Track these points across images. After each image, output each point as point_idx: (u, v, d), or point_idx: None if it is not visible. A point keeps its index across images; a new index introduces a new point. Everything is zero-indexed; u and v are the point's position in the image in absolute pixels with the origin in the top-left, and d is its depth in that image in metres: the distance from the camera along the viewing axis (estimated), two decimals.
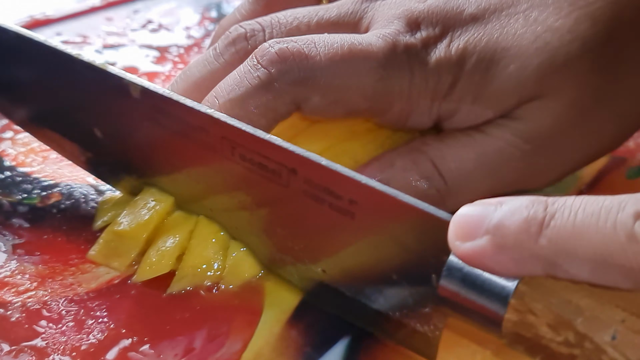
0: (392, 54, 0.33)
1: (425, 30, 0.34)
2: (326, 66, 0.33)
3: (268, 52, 0.33)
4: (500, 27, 0.34)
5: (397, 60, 0.34)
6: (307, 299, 0.34)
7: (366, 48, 0.33)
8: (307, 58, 0.33)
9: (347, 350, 0.31)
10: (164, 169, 0.36)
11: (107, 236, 0.36)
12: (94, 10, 0.57)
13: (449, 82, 0.34)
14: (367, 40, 0.34)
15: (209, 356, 0.31)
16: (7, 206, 0.39)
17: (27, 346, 0.31)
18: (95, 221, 0.38)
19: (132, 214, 0.36)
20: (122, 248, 0.35)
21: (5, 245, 0.36)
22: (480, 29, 0.34)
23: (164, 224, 0.36)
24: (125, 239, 0.35)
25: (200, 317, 0.33)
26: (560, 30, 0.34)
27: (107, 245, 0.36)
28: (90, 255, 0.36)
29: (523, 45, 0.34)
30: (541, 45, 0.34)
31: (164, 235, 0.35)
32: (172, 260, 0.34)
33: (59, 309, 0.33)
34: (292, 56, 0.33)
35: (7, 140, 0.43)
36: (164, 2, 0.59)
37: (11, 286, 0.34)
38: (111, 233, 0.36)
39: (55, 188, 0.40)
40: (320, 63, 0.33)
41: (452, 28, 0.34)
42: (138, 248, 0.35)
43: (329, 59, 0.33)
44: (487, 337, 0.31)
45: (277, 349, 0.31)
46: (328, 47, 0.33)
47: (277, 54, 0.33)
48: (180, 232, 0.35)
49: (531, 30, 0.34)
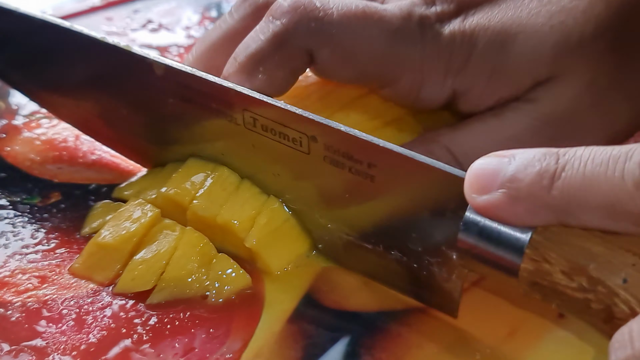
0: (405, 23, 0.34)
1: (440, 6, 0.35)
2: (338, 22, 0.33)
3: (281, 5, 0.34)
4: (515, 6, 0.35)
5: (410, 29, 0.34)
6: (336, 262, 0.35)
7: (380, 12, 0.34)
8: (320, 11, 0.33)
9: (347, 350, 0.31)
10: (189, 142, 0.37)
11: (90, 248, 0.35)
12: (94, 10, 0.57)
13: (462, 57, 0.34)
14: (382, 6, 0.34)
15: (209, 356, 0.31)
16: (7, 206, 0.39)
17: (27, 346, 0.31)
18: (83, 227, 0.37)
19: (117, 225, 0.35)
20: (106, 260, 0.34)
21: (5, 245, 0.36)
22: (494, 8, 0.35)
23: (149, 233, 0.35)
24: (109, 251, 0.34)
25: (200, 317, 0.33)
26: (574, 11, 0.34)
27: (91, 257, 0.35)
28: (73, 269, 0.35)
29: (538, 24, 0.34)
30: (556, 24, 0.34)
31: (149, 244, 0.34)
32: (155, 276, 0.33)
33: (59, 309, 0.33)
34: (304, 7, 0.33)
35: (7, 140, 0.43)
36: (164, 2, 0.59)
37: (11, 286, 0.34)
38: (94, 245, 0.35)
39: (55, 188, 0.40)
40: (332, 17, 0.33)
41: (467, 6, 0.35)
42: (122, 260, 0.34)
43: (342, 15, 0.34)
44: (487, 337, 0.32)
45: (277, 349, 0.31)
46: (342, 4, 0.34)
47: (290, 6, 0.34)
48: (165, 244, 0.34)
49: (546, 10, 0.34)
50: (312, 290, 0.34)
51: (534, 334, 0.32)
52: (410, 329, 0.32)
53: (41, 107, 0.43)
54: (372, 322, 0.32)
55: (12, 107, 0.46)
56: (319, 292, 0.34)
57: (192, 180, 0.36)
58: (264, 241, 0.34)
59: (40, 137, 0.44)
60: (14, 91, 0.45)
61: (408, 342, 0.31)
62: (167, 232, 0.35)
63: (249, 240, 0.34)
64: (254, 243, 0.34)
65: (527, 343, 0.31)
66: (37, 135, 0.44)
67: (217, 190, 0.35)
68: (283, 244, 0.35)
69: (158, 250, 0.34)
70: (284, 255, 0.35)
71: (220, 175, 0.36)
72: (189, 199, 0.35)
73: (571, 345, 0.31)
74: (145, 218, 0.35)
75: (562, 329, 0.32)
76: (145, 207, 0.35)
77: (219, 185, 0.35)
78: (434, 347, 0.31)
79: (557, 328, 0.32)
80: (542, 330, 0.32)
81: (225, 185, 0.35)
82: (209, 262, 0.34)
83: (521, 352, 0.31)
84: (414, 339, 0.32)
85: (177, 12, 0.58)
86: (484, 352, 0.31)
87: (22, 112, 0.46)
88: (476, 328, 0.32)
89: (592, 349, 0.31)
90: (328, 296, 0.34)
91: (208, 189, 0.35)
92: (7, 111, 0.46)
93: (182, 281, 0.33)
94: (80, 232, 0.37)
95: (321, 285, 0.34)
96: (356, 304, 0.33)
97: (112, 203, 0.38)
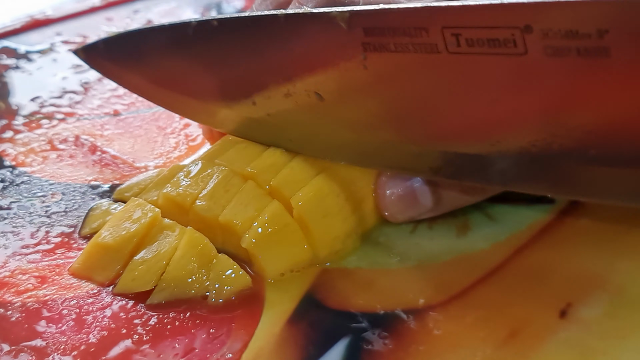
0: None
1: None
2: None
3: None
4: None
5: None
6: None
7: None
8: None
9: (347, 350, 0.31)
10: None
11: (90, 249, 0.35)
12: (94, 10, 0.58)
13: None
14: None
15: (209, 356, 0.31)
16: (7, 206, 0.39)
17: (27, 346, 0.31)
18: (83, 228, 0.37)
19: (117, 225, 0.35)
20: (106, 261, 0.34)
21: (5, 245, 0.36)
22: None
23: (149, 233, 0.35)
24: (109, 252, 0.34)
25: (200, 317, 0.33)
26: None
27: (91, 258, 0.35)
28: (73, 269, 0.35)
29: None
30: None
31: (149, 245, 0.34)
32: (156, 277, 0.33)
33: (59, 309, 0.33)
34: None
35: (7, 140, 0.43)
36: (164, 2, 0.59)
37: (11, 286, 0.34)
38: (94, 245, 0.35)
39: (55, 188, 0.40)
40: None
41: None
42: (123, 261, 0.34)
43: None
44: (487, 338, 0.31)
45: (277, 349, 0.31)
46: None
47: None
48: (165, 245, 0.34)
49: None
50: (313, 291, 0.34)
51: (535, 335, 0.32)
52: (410, 330, 0.32)
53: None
54: (372, 323, 0.32)
55: (12, 107, 0.46)
56: (320, 292, 0.34)
57: (194, 180, 0.36)
58: (261, 243, 0.34)
59: (40, 137, 0.44)
60: (14, 91, 0.45)
61: (408, 343, 0.31)
62: (167, 233, 0.35)
63: (246, 240, 0.34)
64: (252, 243, 0.34)
65: (529, 344, 0.31)
66: (37, 135, 0.44)
67: (219, 191, 0.35)
68: (281, 249, 0.35)
69: (158, 250, 0.34)
70: (281, 260, 0.35)
71: (225, 177, 0.36)
72: (191, 200, 0.35)
73: (573, 347, 0.31)
74: (145, 218, 0.35)
75: (564, 330, 0.32)
76: (145, 207, 0.35)
77: (222, 186, 0.35)
78: (434, 347, 0.31)
79: (559, 329, 0.32)
80: (544, 331, 0.32)
81: (229, 187, 0.35)
82: (209, 262, 0.34)
83: (523, 353, 0.31)
84: (415, 340, 0.32)
85: (177, 12, 0.59)
86: (485, 352, 0.31)
87: (22, 112, 0.46)
88: (476, 328, 0.32)
89: (595, 350, 0.31)
90: (329, 296, 0.34)
91: (211, 190, 0.35)
92: (7, 111, 0.46)
93: (183, 281, 0.33)
94: (80, 232, 0.37)
95: (322, 285, 0.34)
96: (357, 305, 0.33)
97: (112, 203, 0.38)
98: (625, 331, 0.31)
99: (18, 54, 0.52)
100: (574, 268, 0.35)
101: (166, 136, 0.45)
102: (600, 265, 0.35)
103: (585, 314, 0.32)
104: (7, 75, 0.50)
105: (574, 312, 0.33)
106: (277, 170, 0.36)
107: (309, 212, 0.35)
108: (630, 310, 0.33)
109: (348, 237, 0.36)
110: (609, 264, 0.35)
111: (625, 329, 0.32)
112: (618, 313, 0.32)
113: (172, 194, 0.35)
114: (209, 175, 0.36)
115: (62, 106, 0.47)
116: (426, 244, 0.37)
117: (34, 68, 0.51)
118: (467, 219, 0.38)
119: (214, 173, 0.36)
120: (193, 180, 0.36)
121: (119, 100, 0.48)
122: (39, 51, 0.53)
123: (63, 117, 0.46)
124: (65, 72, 0.50)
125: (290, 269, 0.35)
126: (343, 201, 0.36)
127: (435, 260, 0.36)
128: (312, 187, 0.35)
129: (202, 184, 0.36)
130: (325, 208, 0.35)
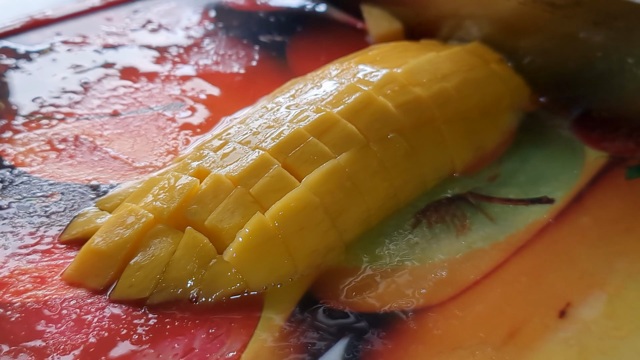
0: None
1: None
2: None
3: None
4: None
5: None
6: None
7: None
8: None
9: (347, 350, 0.31)
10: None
11: (83, 255, 0.34)
12: (93, 10, 0.57)
13: None
14: None
15: (208, 356, 0.31)
16: (7, 206, 0.39)
17: (27, 346, 0.31)
18: (64, 233, 0.37)
19: (110, 231, 0.34)
20: (99, 267, 0.34)
21: (5, 246, 0.36)
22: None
23: (143, 238, 0.34)
24: (103, 258, 0.34)
25: (200, 317, 0.33)
26: None
27: (84, 264, 0.34)
28: (66, 275, 0.34)
29: None
30: None
31: (143, 250, 0.34)
32: (153, 283, 0.33)
33: (59, 309, 0.33)
34: None
35: (6, 140, 0.43)
36: (163, 2, 0.59)
37: (11, 286, 0.34)
38: (87, 251, 0.34)
39: (55, 188, 0.40)
40: None
41: None
42: (116, 267, 0.34)
43: None
44: (487, 337, 0.32)
45: (277, 349, 0.31)
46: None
47: None
48: (161, 250, 0.34)
49: None
50: (312, 291, 0.34)
51: (534, 334, 0.32)
52: (410, 330, 0.32)
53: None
54: (372, 323, 0.32)
55: (12, 107, 0.46)
56: (319, 292, 0.34)
57: (180, 188, 0.35)
58: (243, 256, 0.34)
59: (39, 137, 0.44)
60: (14, 91, 0.45)
61: (408, 343, 0.31)
62: (162, 238, 0.34)
63: (228, 254, 0.34)
64: (233, 257, 0.34)
65: (528, 344, 0.31)
66: (37, 135, 0.44)
67: (208, 197, 0.35)
68: (264, 263, 0.34)
69: (154, 256, 0.34)
70: (262, 274, 0.34)
71: (215, 182, 0.35)
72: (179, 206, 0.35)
73: (572, 347, 0.31)
74: (138, 224, 0.34)
75: (563, 329, 0.32)
76: (138, 212, 0.35)
77: (212, 191, 0.35)
78: (433, 347, 0.31)
79: (558, 329, 0.32)
80: (543, 331, 0.32)
81: (218, 192, 0.35)
82: (209, 262, 0.34)
83: (522, 353, 0.31)
84: (414, 340, 0.32)
85: (177, 13, 0.58)
86: (485, 352, 0.31)
87: (22, 112, 0.46)
88: (477, 328, 0.32)
89: (593, 350, 0.31)
90: (328, 296, 0.34)
91: (200, 195, 0.35)
92: (7, 111, 0.46)
93: (182, 282, 0.33)
94: (61, 237, 0.36)
95: (321, 285, 0.34)
96: (357, 305, 0.33)
97: (99, 212, 0.38)
98: (623, 331, 0.32)
99: (18, 54, 0.52)
100: (573, 268, 0.35)
101: (166, 136, 0.45)
102: (599, 266, 0.35)
103: (584, 314, 0.32)
104: (7, 75, 0.50)
105: (573, 312, 0.33)
106: (258, 175, 0.35)
107: (285, 226, 0.34)
108: (629, 310, 0.33)
109: (330, 251, 0.36)
110: (608, 264, 0.35)
111: (624, 329, 0.32)
112: (617, 313, 0.32)
113: (157, 206, 0.35)
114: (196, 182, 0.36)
115: (61, 106, 0.47)
116: (426, 244, 0.37)
117: (34, 68, 0.51)
118: (467, 219, 0.38)
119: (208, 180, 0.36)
120: (178, 189, 0.36)
121: (118, 100, 0.48)
122: (39, 51, 0.53)
123: (63, 117, 0.46)
124: (65, 72, 0.50)
125: (272, 282, 0.34)
126: (322, 214, 0.35)
127: (435, 260, 0.36)
128: (288, 199, 0.35)
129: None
130: (302, 221, 0.35)
